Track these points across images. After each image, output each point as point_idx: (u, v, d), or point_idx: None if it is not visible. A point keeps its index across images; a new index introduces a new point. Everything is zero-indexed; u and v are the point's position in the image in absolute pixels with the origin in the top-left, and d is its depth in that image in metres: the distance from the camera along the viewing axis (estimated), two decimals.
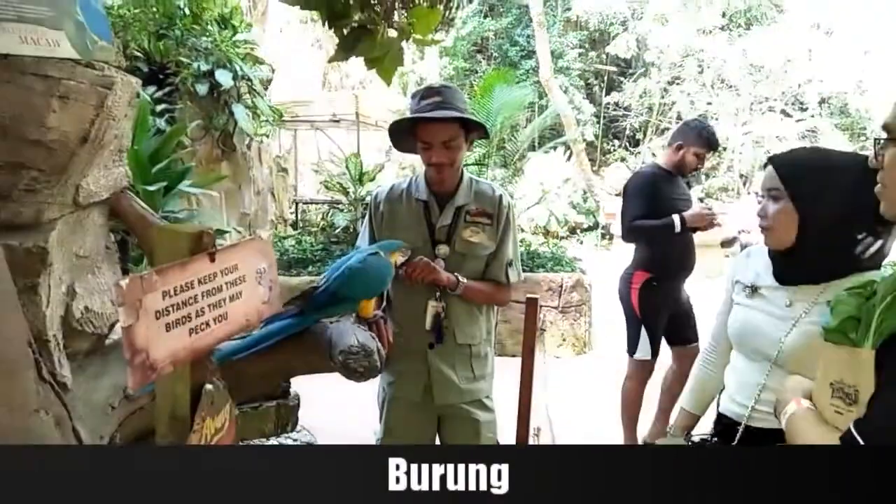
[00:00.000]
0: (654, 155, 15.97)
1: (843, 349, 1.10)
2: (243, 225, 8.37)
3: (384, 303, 2.24)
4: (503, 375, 2.73)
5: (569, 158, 15.13)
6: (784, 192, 1.48)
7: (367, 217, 2.29)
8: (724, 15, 16.99)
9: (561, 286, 5.95)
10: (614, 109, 19.08)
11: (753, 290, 1.61)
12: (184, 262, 0.80)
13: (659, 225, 3.39)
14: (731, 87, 16.81)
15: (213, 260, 0.85)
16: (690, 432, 1.82)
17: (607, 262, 9.66)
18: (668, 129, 17.06)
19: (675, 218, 3.38)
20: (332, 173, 8.03)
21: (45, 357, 1.45)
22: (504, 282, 2.18)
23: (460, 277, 2.08)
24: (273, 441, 3.89)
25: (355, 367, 1.57)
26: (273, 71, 8.35)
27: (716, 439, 1.64)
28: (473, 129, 2.13)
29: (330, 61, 1.72)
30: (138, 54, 6.32)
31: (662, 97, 17.63)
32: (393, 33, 1.59)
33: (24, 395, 1.28)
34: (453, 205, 2.15)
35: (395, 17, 1.54)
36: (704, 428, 1.77)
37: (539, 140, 15.76)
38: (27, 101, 1.40)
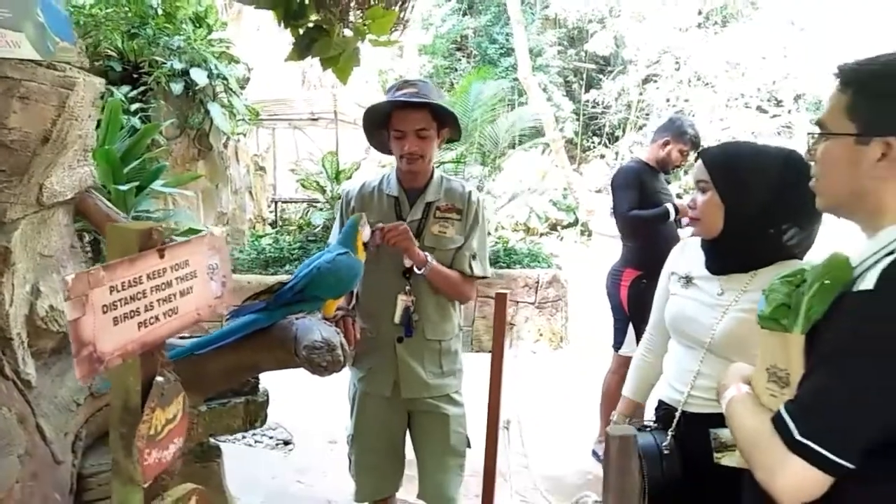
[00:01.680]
0: (631, 151, 16.12)
1: (776, 335, 1.15)
2: (221, 222, 8.34)
3: (354, 299, 2.27)
4: (480, 371, 2.78)
5: (548, 155, 15.22)
6: (710, 184, 1.55)
7: (338, 213, 2.32)
8: (700, 12, 17.17)
9: (537, 282, 6.01)
10: (593, 107, 19.20)
11: (688, 280, 1.68)
12: (132, 258, 0.83)
13: (658, 213, 3.49)
14: (707, 83, 17.00)
15: (162, 256, 0.88)
16: (632, 418, 1.88)
17: (586, 259, 9.77)
18: (645, 125, 17.20)
19: (670, 206, 3.48)
20: (309, 172, 8.02)
21: (8, 355, 1.48)
22: (468, 272, 2.21)
23: (429, 257, 2.10)
24: (247, 437, 3.92)
25: (319, 362, 1.60)
26: (250, 69, 8.33)
27: (656, 424, 1.70)
28: (445, 125, 2.17)
29: (285, 61, 1.75)
30: (112, 53, 6.28)
31: (640, 94, 17.79)
32: (349, 33, 1.62)
33: None
34: (423, 200, 2.19)
35: (351, 18, 1.57)
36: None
37: (519, 138, 15.83)
38: None
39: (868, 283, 0.98)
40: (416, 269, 2.11)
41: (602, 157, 18.61)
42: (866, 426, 0.95)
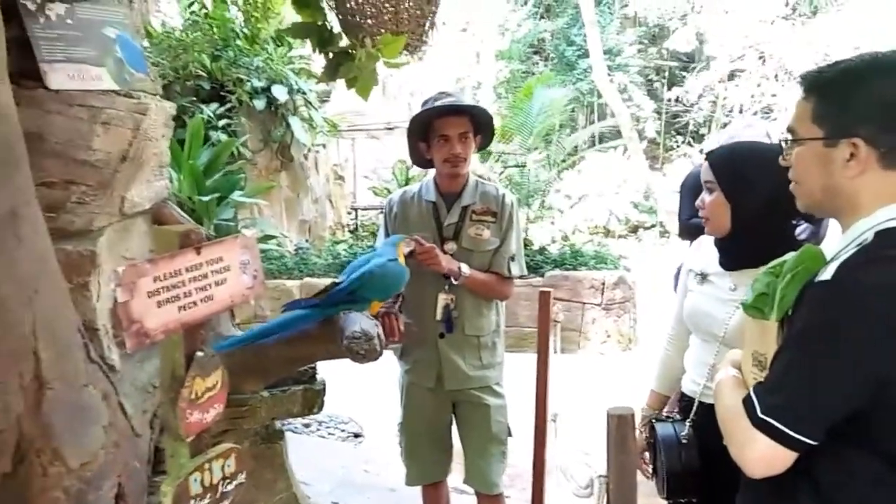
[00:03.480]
0: (702, 152, 15.60)
1: (757, 322, 1.23)
2: (303, 231, 8.77)
3: (400, 297, 2.45)
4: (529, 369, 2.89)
5: (627, 156, 15.01)
6: (716, 184, 1.61)
7: (383, 220, 2.50)
8: (787, 3, 16.48)
9: (603, 284, 6.03)
10: (676, 105, 18.74)
11: (703, 276, 1.74)
12: (173, 254, 1.03)
13: None
14: (794, 78, 16.25)
15: (198, 253, 1.08)
16: (660, 411, 1.95)
17: (662, 261, 9.61)
18: (729, 123, 16.64)
19: None
20: (383, 179, 8.33)
21: (95, 343, 1.73)
22: (506, 274, 2.34)
23: (463, 268, 2.24)
24: (320, 429, 4.18)
25: (357, 350, 1.78)
26: (328, 85, 8.72)
27: (677, 415, 1.77)
28: (479, 132, 2.33)
29: (317, 83, 1.95)
30: (200, 73, 6.78)
31: (724, 91, 17.22)
32: (367, 57, 1.80)
33: (75, 372, 1.54)
34: (460, 204, 2.34)
35: (369, 43, 1.75)
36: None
37: (598, 138, 15.69)
38: (75, 127, 1.68)
39: (828, 273, 1.06)
40: (453, 281, 2.26)
41: (686, 156, 18.13)
42: (824, 404, 1.03)
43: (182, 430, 1.06)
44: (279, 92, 7.03)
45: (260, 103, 6.98)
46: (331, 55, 1.85)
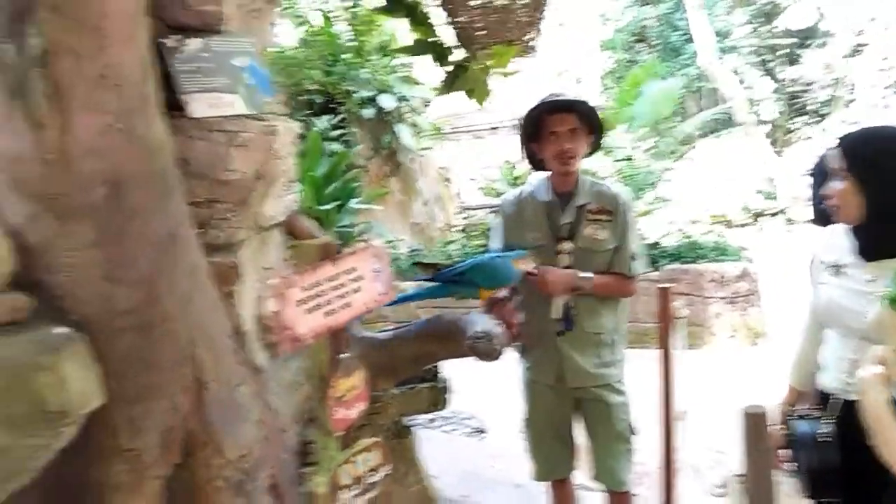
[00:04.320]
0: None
1: None
2: (415, 233, 8.99)
3: (515, 293, 2.49)
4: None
5: (744, 141, 14.27)
6: (847, 171, 1.53)
7: (497, 220, 2.55)
8: None
9: (723, 277, 5.79)
10: (794, 85, 17.59)
11: (837, 268, 1.65)
12: (314, 266, 1.12)
13: None
14: None
15: (334, 264, 1.17)
16: (796, 407, 1.87)
17: (789, 249, 9.08)
18: (853, 101, 15.43)
19: None
20: (489, 179, 8.41)
21: (243, 346, 1.89)
22: (629, 274, 2.33)
23: (578, 274, 2.25)
24: (445, 425, 4.30)
25: (480, 349, 1.84)
26: (433, 88, 8.90)
27: (814, 412, 1.70)
28: (591, 132, 2.33)
29: (437, 95, 2.04)
30: (313, 88, 7.13)
31: (847, 67, 15.97)
32: (479, 69, 1.86)
33: (229, 373, 1.70)
34: (574, 204, 2.35)
35: (481, 56, 1.80)
36: None
37: (711, 124, 15.02)
38: (215, 151, 1.84)
39: None
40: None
41: (809, 138, 16.98)
42: None
43: (330, 426, 1.16)
44: (386, 101, 7.28)
45: (369, 112, 7.26)
46: (448, 68, 1.93)
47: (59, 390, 1.16)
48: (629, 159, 7.46)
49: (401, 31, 7.87)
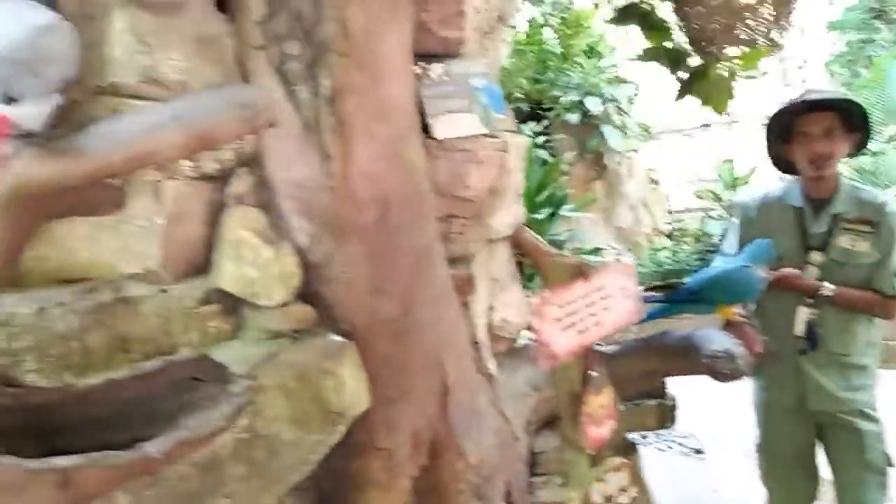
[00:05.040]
0: None
1: None
2: (620, 238, 8.77)
3: (752, 306, 2.32)
4: None
5: None
6: None
7: (735, 222, 2.38)
8: None
9: None
10: None
11: None
12: (569, 285, 1.15)
13: None
14: None
15: (587, 282, 1.18)
16: None
17: None
18: None
19: None
20: (704, 180, 7.94)
21: (480, 355, 1.98)
22: (890, 292, 2.08)
23: (825, 287, 2.06)
24: (658, 443, 4.14)
25: (720, 370, 1.75)
26: (637, 88, 8.61)
27: None
28: (852, 131, 2.12)
29: (675, 100, 1.97)
30: (519, 96, 7.25)
31: None
32: (723, 72, 1.76)
33: (470, 380, 1.80)
34: (829, 212, 2.13)
35: (722, 59, 1.71)
36: None
37: None
38: (455, 169, 1.94)
39: None
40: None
41: None
42: None
43: (585, 443, 1.18)
44: (592, 104, 7.18)
45: (574, 117, 7.21)
46: (684, 75, 1.87)
47: (340, 393, 1.30)
48: (876, 154, 6.60)
49: (610, 32, 7.74)
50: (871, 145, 7.30)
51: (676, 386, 2.53)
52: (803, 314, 2.13)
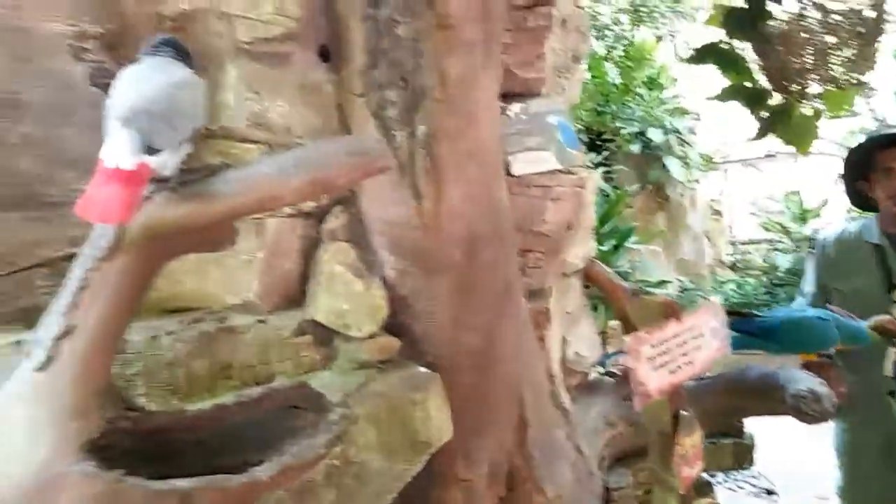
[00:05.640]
0: None
1: None
2: (682, 270, 8.61)
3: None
4: None
5: None
6: None
7: (811, 260, 2.34)
8: None
9: None
10: None
11: None
12: (662, 325, 1.16)
13: None
14: None
15: (681, 322, 1.20)
16: None
17: None
18: None
19: None
20: (769, 211, 7.75)
21: (556, 389, 1.99)
22: None
23: None
24: (729, 482, 4.02)
25: (806, 411, 1.71)
26: (698, 117, 8.51)
27: None
28: None
29: (751, 140, 1.96)
30: (580, 127, 7.27)
31: None
32: (807, 111, 1.75)
33: (547, 414, 1.81)
34: None
35: (806, 98, 1.70)
36: None
37: None
38: (532, 204, 1.98)
39: None
40: None
41: None
42: None
43: (677, 484, 1.18)
44: (654, 134, 7.14)
45: (635, 148, 7.18)
46: (762, 114, 1.86)
47: (427, 423, 1.34)
48: None
49: (673, 64, 7.70)
50: None
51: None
52: (893, 354, 2.07)
